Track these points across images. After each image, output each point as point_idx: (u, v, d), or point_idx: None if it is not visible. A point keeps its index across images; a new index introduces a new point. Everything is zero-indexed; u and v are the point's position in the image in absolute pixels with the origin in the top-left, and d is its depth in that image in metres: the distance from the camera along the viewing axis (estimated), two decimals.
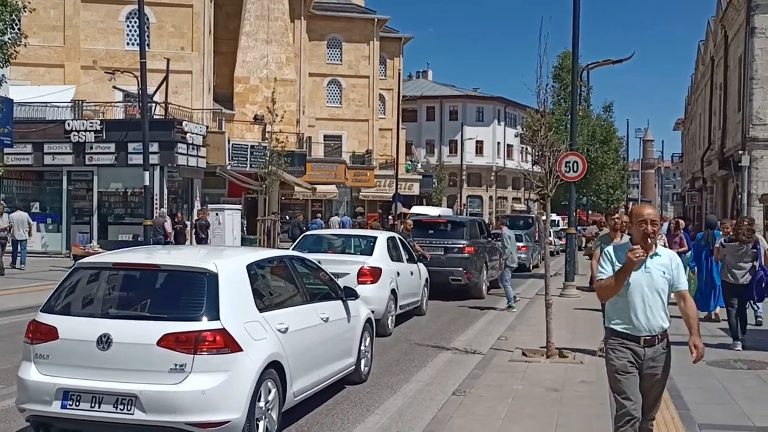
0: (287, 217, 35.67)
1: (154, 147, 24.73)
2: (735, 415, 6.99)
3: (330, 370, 7.51)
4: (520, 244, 23.99)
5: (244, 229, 29.93)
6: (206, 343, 5.57)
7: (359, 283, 11.73)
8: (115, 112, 29.80)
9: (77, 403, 5.59)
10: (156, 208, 24.40)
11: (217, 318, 5.69)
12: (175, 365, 5.51)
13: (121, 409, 5.50)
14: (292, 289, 7.28)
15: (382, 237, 13.54)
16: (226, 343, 5.64)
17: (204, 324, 5.65)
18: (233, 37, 39.91)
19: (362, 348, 8.49)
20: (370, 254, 12.80)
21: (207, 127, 30.61)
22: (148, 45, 25.34)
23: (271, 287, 7.09)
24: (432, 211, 44.03)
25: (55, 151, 26.83)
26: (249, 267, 6.42)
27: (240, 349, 5.71)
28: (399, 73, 50.49)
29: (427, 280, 15.23)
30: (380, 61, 49.93)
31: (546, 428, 6.60)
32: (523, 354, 9.88)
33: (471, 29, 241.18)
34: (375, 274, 12.23)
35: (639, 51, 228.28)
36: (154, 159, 24.63)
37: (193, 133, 28.00)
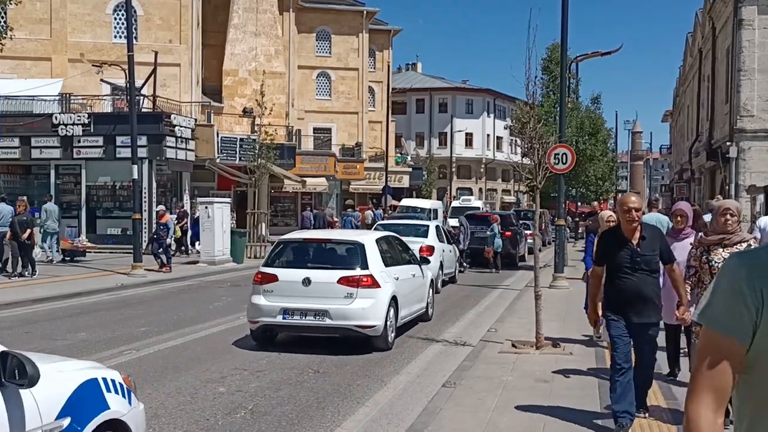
0: (310, 209, 35.86)
1: (143, 140, 24.62)
2: None
3: (416, 308, 11.82)
4: (528, 232, 27.20)
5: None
6: (362, 281, 9.89)
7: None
8: (102, 106, 29.57)
9: (292, 316, 9.93)
10: (143, 203, 24.26)
11: (367, 268, 10.09)
12: (347, 294, 9.84)
13: (318, 319, 9.84)
14: (396, 254, 11.66)
15: (432, 225, 19.31)
16: (373, 283, 9.94)
17: (361, 271, 10.03)
18: (222, 30, 39.65)
19: (429, 298, 12.83)
20: (426, 237, 18.02)
21: (196, 120, 30.46)
22: (135, 38, 25.11)
23: (387, 253, 11.10)
24: (422, 204, 44.16)
25: (43, 145, 26.65)
26: (377, 241, 10.84)
27: (379, 286, 10.01)
28: (388, 66, 50.34)
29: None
30: (369, 53, 49.73)
31: (535, 419, 6.63)
32: (513, 345, 9.91)
33: (460, 21, 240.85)
34: (431, 250, 17.08)
35: (627, 43, 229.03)
36: (142, 152, 24.51)
37: (181, 126, 27.90)
